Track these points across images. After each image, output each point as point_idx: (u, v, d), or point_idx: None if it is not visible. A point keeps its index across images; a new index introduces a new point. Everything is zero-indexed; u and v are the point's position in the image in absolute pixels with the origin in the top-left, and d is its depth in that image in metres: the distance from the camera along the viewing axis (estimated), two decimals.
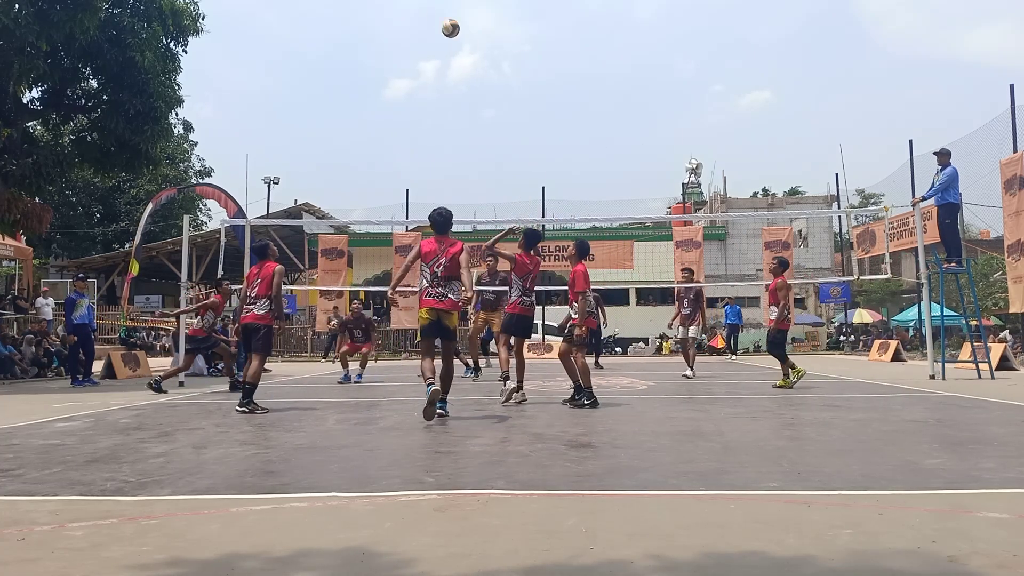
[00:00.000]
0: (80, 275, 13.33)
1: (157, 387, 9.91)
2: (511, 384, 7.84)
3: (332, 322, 22.97)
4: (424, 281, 6.74)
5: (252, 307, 7.81)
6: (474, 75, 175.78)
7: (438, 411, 6.42)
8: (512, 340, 8.21)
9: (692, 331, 12.71)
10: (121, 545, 2.76)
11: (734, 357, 21.26)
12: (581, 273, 7.56)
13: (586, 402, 7.42)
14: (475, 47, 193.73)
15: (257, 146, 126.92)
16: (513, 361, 8.09)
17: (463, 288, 6.63)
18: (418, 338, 7.67)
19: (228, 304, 12.05)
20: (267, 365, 18.26)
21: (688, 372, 12.32)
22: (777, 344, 10.14)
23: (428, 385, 6.35)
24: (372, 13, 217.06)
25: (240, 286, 13.37)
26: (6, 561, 2.57)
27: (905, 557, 2.50)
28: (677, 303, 13.33)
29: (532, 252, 8.17)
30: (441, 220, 6.89)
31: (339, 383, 11.47)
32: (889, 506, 3.20)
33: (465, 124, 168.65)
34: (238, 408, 7.31)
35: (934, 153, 11.53)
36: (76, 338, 12.57)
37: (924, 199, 11.82)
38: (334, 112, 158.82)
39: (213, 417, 7.09)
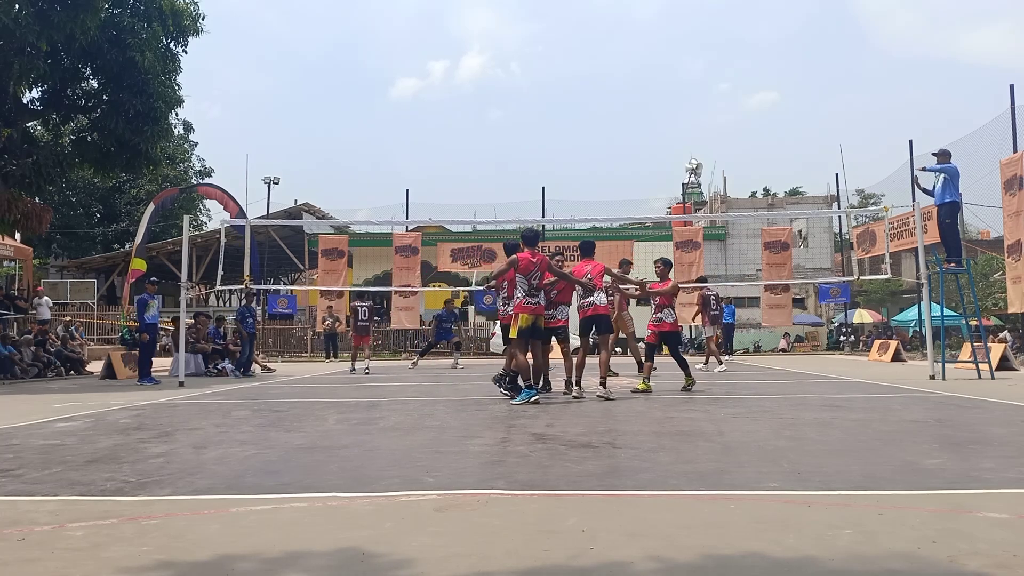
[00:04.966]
0: (152, 279, 13.81)
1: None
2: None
3: (327, 322, 22.90)
4: (520, 291, 7.95)
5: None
6: (482, 75, 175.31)
7: (533, 399, 7.65)
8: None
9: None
10: (121, 545, 2.76)
11: (730, 357, 21.17)
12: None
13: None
14: (483, 47, 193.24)
15: (257, 146, 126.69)
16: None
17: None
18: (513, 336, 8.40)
19: None
20: (270, 364, 18.34)
21: (722, 366, 13.59)
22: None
23: (528, 388, 7.77)
24: (373, 13, 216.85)
25: (240, 286, 13.31)
26: (6, 561, 2.57)
27: (905, 557, 2.50)
28: (701, 304, 14.81)
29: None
30: (532, 236, 8.35)
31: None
32: (889, 506, 3.20)
33: (469, 124, 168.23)
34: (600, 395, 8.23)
35: (933, 154, 11.55)
36: (148, 336, 12.97)
37: (925, 191, 11.89)
38: (335, 112, 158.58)
39: (213, 417, 7.09)
